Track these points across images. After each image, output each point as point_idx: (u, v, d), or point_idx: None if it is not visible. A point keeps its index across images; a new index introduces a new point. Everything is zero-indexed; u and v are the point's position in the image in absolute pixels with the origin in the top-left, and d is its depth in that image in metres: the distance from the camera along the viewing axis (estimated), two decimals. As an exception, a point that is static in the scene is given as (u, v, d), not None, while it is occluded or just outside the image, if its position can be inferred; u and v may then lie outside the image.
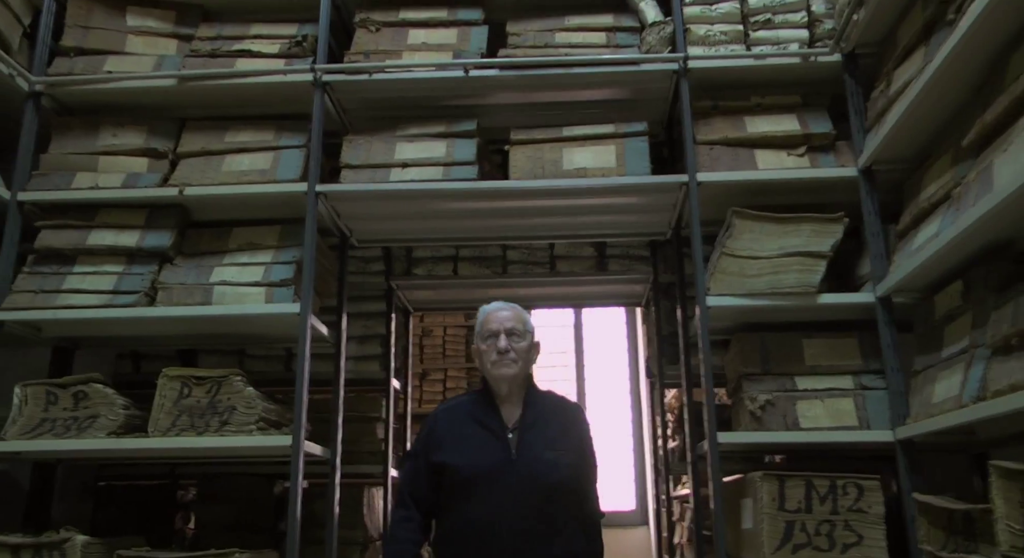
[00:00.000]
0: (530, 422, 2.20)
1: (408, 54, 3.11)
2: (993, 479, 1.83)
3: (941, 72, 2.17)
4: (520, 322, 2.28)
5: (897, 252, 2.58)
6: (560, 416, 2.26)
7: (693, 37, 3.02)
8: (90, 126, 3.17)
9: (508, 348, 2.21)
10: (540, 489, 2.10)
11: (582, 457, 2.21)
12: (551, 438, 2.18)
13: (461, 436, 2.20)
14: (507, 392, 2.23)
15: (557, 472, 2.12)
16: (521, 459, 2.13)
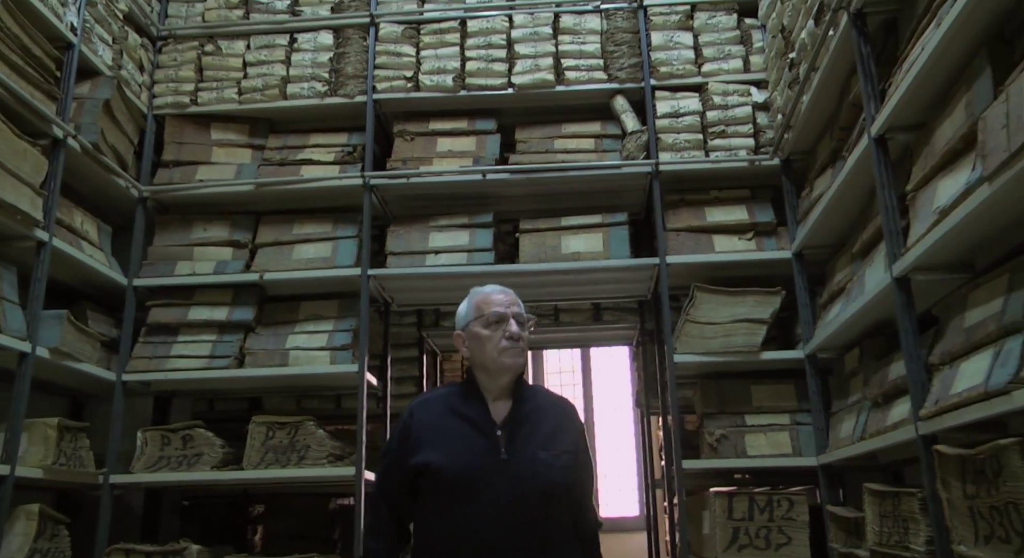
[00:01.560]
0: (522, 418, 1.96)
1: (437, 160, 3.89)
2: (865, 495, 2.58)
3: (840, 192, 2.93)
4: (523, 308, 2.05)
5: (820, 320, 3.33)
6: (554, 413, 2.03)
7: (663, 144, 3.79)
8: (185, 223, 3.96)
9: (520, 334, 1.98)
10: (533, 494, 1.87)
11: (578, 459, 2.00)
12: (545, 437, 1.96)
13: (442, 432, 1.95)
14: (503, 386, 1.99)
15: (552, 474, 1.90)
16: (512, 459, 1.89)
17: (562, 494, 1.92)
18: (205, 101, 4.05)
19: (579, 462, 2.00)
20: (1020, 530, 1.68)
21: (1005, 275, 1.90)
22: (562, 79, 3.95)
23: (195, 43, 4.15)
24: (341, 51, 4.09)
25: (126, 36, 3.88)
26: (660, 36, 3.97)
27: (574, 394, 7.58)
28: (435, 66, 4.00)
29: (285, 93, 4.03)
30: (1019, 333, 1.78)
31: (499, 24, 4.06)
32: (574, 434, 2.03)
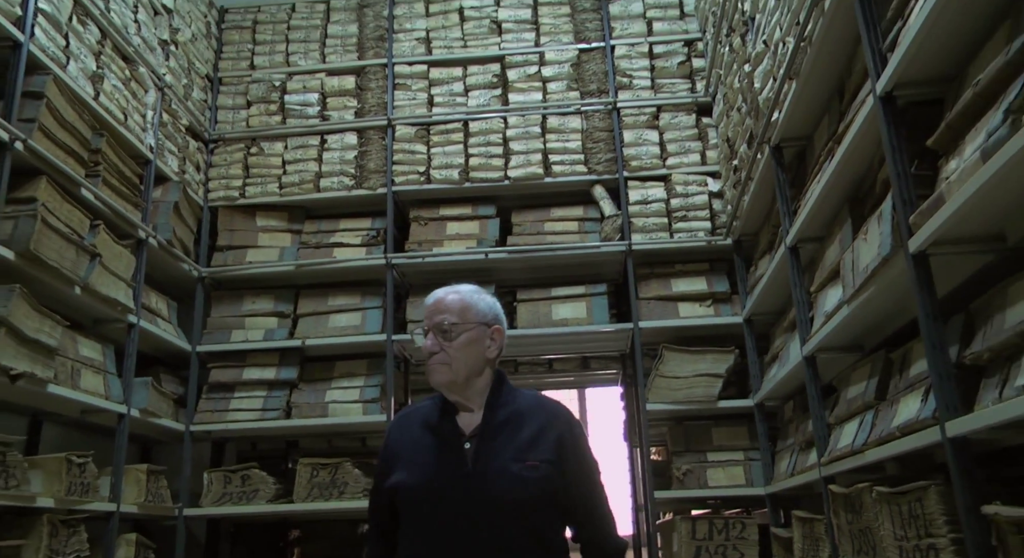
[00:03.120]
0: (494, 427, 1.79)
1: (447, 242, 4.63)
2: (793, 520, 3.30)
3: (772, 278, 3.65)
4: (453, 311, 1.85)
5: (765, 375, 4.06)
6: (536, 418, 1.82)
7: (635, 227, 4.52)
8: (237, 297, 4.69)
9: (435, 348, 1.81)
10: (500, 511, 1.71)
11: (566, 469, 1.78)
12: (521, 446, 1.77)
13: (413, 449, 1.82)
14: (459, 399, 1.83)
15: (524, 488, 1.71)
16: (477, 473, 1.73)
17: (538, 509, 1.74)
18: (251, 194, 4.80)
19: (570, 473, 1.79)
20: (873, 546, 2.40)
21: (868, 364, 2.63)
22: (549, 172, 4.70)
23: (241, 145, 4.90)
24: (364, 149, 4.84)
25: (187, 145, 4.62)
26: (631, 134, 4.73)
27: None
28: (443, 162, 4.74)
29: (318, 186, 4.77)
30: (871, 410, 2.51)
31: (496, 125, 4.81)
32: (559, 440, 1.79)
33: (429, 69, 5.03)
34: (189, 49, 4.72)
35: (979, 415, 1.75)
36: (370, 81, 5.03)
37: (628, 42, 4.97)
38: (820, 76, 2.80)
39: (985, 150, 1.64)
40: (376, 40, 5.13)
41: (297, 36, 5.20)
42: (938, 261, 2.02)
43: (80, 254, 3.39)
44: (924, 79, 2.10)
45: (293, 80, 5.05)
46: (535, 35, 5.10)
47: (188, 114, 4.65)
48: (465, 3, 5.19)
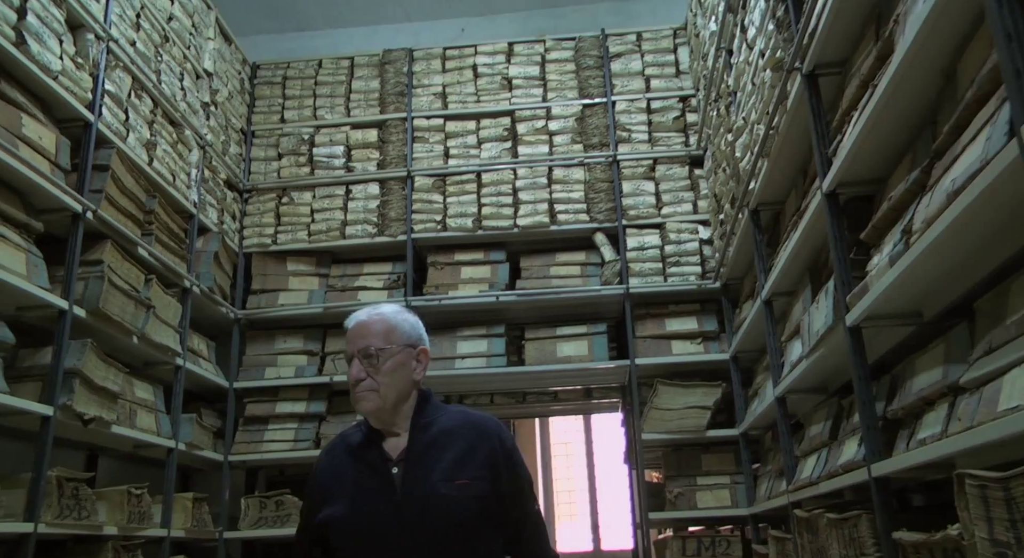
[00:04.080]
0: (420, 449, 1.75)
1: (462, 285, 5.10)
2: (769, 539, 3.74)
3: (752, 323, 4.10)
4: (379, 334, 1.80)
5: (749, 407, 4.50)
6: (465, 435, 1.78)
7: (632, 271, 4.98)
8: (270, 337, 5.16)
9: (361, 375, 1.77)
10: (434, 535, 1.66)
11: (499, 485, 1.74)
12: (450, 466, 1.72)
13: (340, 480, 1.77)
14: (385, 425, 1.79)
15: (456, 509, 1.67)
16: (407, 498, 1.68)
17: (474, 529, 1.69)
18: (283, 241, 5.28)
19: (504, 491, 1.75)
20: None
21: (825, 407, 3.08)
22: (555, 220, 5.17)
23: (273, 195, 5.40)
24: (386, 199, 5.32)
25: (224, 196, 5.11)
26: (629, 185, 5.20)
27: (579, 451, 8.82)
28: (458, 210, 5.22)
29: (344, 233, 5.25)
30: (825, 448, 2.96)
31: (506, 176, 5.29)
32: (490, 456, 1.75)
33: (445, 123, 5.52)
34: (226, 107, 5.22)
35: (895, 460, 2.20)
36: (391, 134, 5.52)
37: (628, 98, 5.44)
38: (786, 159, 3.26)
39: (892, 257, 2.10)
40: (396, 95, 5.62)
41: (324, 91, 5.70)
42: (869, 332, 2.47)
43: (138, 307, 3.87)
44: (861, 180, 2.56)
45: (320, 133, 5.54)
46: (543, 91, 5.58)
47: (226, 168, 5.14)
48: (478, 60, 5.67)
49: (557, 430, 9.22)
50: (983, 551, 1.63)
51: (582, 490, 9.16)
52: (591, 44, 5.67)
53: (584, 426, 9.01)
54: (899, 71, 2.00)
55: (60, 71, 3.33)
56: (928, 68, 1.98)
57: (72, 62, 3.45)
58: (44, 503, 3.06)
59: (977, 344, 1.87)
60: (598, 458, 9.03)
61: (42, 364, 3.29)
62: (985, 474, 1.60)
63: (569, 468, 9.30)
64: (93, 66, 3.62)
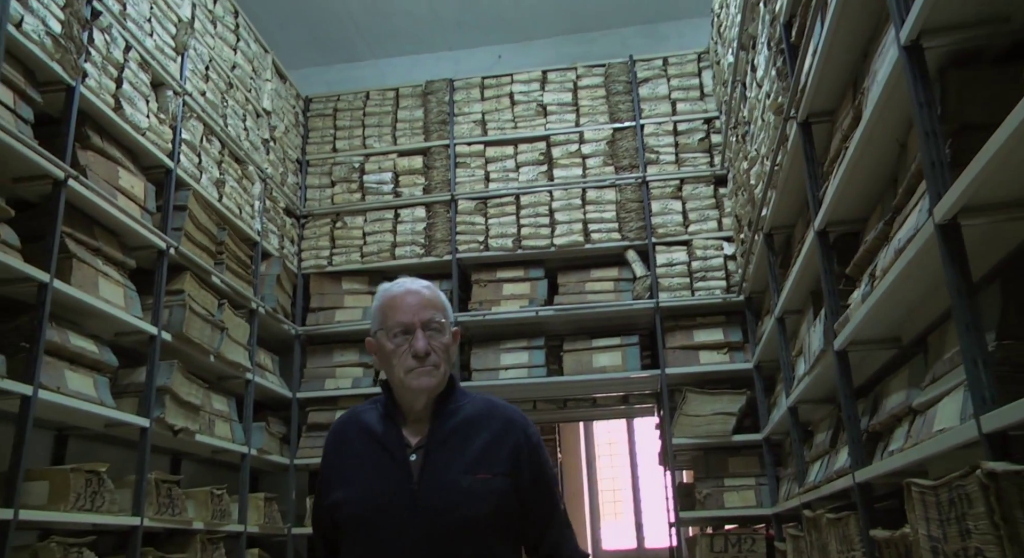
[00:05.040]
0: (442, 438, 1.67)
1: (503, 301, 5.51)
2: (786, 536, 4.10)
3: (769, 336, 4.45)
4: (438, 307, 1.73)
5: (771, 413, 4.85)
6: (490, 426, 1.70)
7: (662, 286, 5.36)
8: (328, 350, 5.64)
9: (428, 349, 1.66)
10: (449, 529, 1.59)
11: (522, 481, 1.67)
12: (473, 458, 1.65)
13: (353, 461, 1.69)
14: (416, 406, 1.70)
15: (476, 504, 1.60)
16: (424, 488, 1.61)
17: (491, 526, 1.61)
18: (337, 262, 5.75)
19: (523, 484, 1.67)
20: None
21: (828, 418, 3.44)
22: (589, 239, 5.56)
23: (328, 220, 5.87)
24: (431, 221, 5.76)
25: (284, 223, 5.59)
26: (658, 204, 5.56)
27: (622, 452, 9.20)
28: (499, 231, 5.64)
29: (394, 254, 5.70)
30: (827, 455, 3.32)
31: (543, 198, 5.69)
32: (514, 450, 1.67)
33: (485, 148, 5.94)
34: (284, 141, 5.70)
35: (872, 468, 2.57)
36: (435, 160, 5.95)
37: (655, 121, 5.81)
38: (791, 192, 3.61)
39: (863, 295, 2.47)
40: (439, 123, 6.05)
41: (372, 121, 6.15)
42: (856, 355, 2.83)
43: (213, 329, 4.36)
44: (847, 219, 2.92)
45: (370, 161, 6.00)
46: (575, 116, 5.97)
47: (284, 197, 5.62)
48: (515, 88, 6.08)
49: (601, 431, 9.61)
50: (923, 545, 2.00)
51: (626, 489, 9.53)
52: (620, 70, 6.04)
53: (627, 428, 9.38)
54: (863, 137, 2.36)
55: (147, 128, 3.82)
56: (887, 138, 2.34)
57: (156, 118, 3.93)
58: (146, 501, 3.56)
59: (928, 373, 2.23)
60: (640, 459, 9.40)
61: (138, 382, 3.79)
62: (922, 482, 1.97)
63: (613, 468, 9.68)
64: (172, 119, 4.11)
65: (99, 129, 3.54)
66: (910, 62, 1.91)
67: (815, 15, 2.82)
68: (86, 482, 3.21)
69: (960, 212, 1.73)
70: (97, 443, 4.01)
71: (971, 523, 1.70)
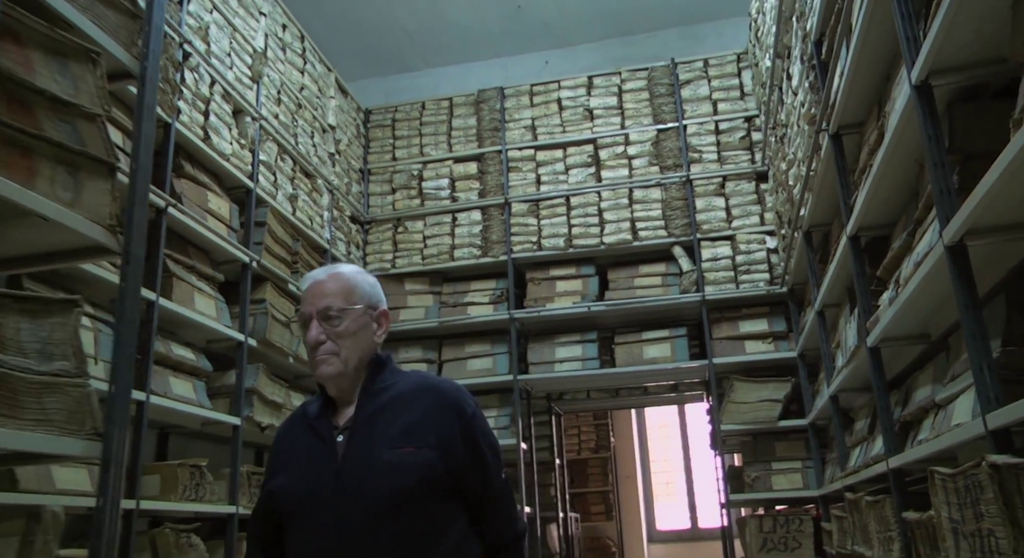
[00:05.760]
0: (367, 417, 1.65)
1: (557, 298, 5.75)
2: (832, 517, 4.29)
3: (809, 331, 4.62)
4: (339, 294, 1.70)
5: (815, 400, 5.02)
6: (420, 401, 1.67)
7: (708, 280, 5.54)
8: (393, 348, 5.92)
9: (322, 338, 1.66)
10: (375, 506, 1.55)
11: (453, 453, 1.62)
12: (399, 432, 1.62)
13: (291, 449, 1.72)
14: (340, 391, 1.70)
15: (398, 477, 1.56)
16: (348, 467, 1.59)
17: (420, 501, 1.57)
18: (400, 265, 6.04)
19: (456, 458, 1.62)
20: (869, 538, 3.40)
21: (866, 407, 3.63)
22: (637, 236, 5.76)
23: (390, 225, 6.16)
24: (487, 224, 6.01)
25: (350, 230, 5.90)
26: (702, 201, 5.74)
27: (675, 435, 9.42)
28: (551, 231, 5.87)
29: (452, 256, 5.98)
30: (865, 441, 3.51)
31: (592, 199, 5.91)
32: (445, 422, 1.64)
33: (536, 153, 6.16)
34: (347, 153, 5.99)
35: (904, 455, 2.76)
36: (489, 165, 6.20)
37: (697, 121, 5.98)
38: (826, 197, 3.78)
39: (890, 298, 2.66)
40: (491, 131, 6.30)
41: (428, 130, 6.42)
42: (887, 351, 3.02)
43: (292, 334, 4.67)
44: (876, 224, 3.10)
45: (427, 168, 6.27)
46: (620, 119, 6.16)
47: (350, 206, 5.93)
48: (562, 95, 6.29)
49: (652, 415, 9.81)
50: (945, 526, 2.20)
51: (679, 471, 9.73)
52: (663, 73, 6.21)
53: (678, 412, 9.56)
54: (885, 157, 2.55)
55: (231, 153, 4.13)
56: (906, 157, 2.53)
57: (237, 143, 4.24)
58: (239, 491, 3.89)
59: (949, 370, 2.42)
60: (692, 442, 9.59)
61: (228, 384, 4.12)
62: (942, 470, 2.17)
63: (666, 450, 9.87)
64: (251, 143, 4.41)
65: (190, 158, 3.85)
66: (920, 100, 2.11)
67: (841, 38, 3.00)
68: (191, 475, 3.55)
69: (966, 234, 1.93)
70: (193, 439, 4.36)
71: (983, 507, 1.91)
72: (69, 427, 1.56)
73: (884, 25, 2.49)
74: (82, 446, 1.59)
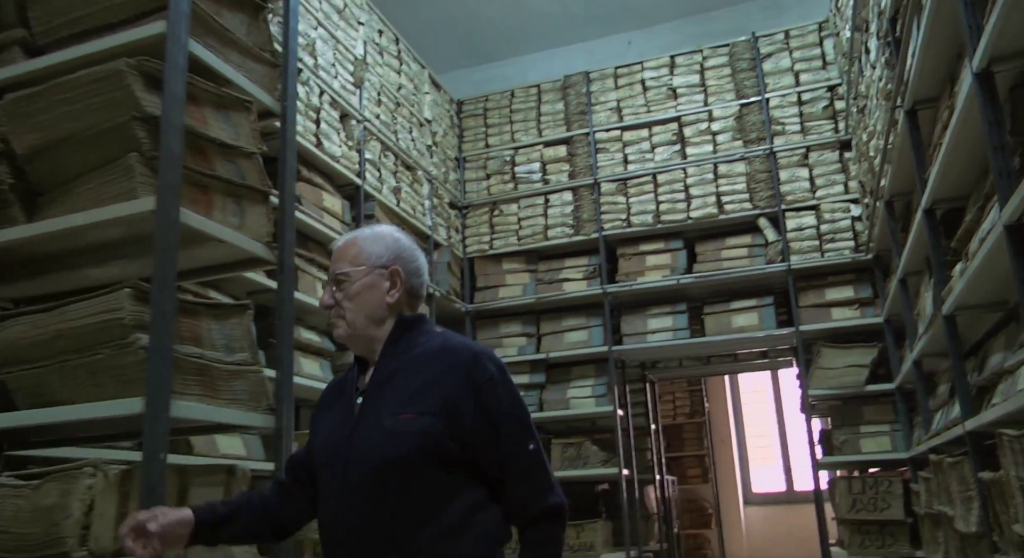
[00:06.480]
0: (381, 380, 1.62)
1: (647, 272, 5.93)
2: (919, 479, 4.39)
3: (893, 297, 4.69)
4: (347, 258, 1.69)
5: (901, 364, 5.09)
6: (434, 366, 1.60)
7: (793, 249, 5.63)
8: (494, 324, 6.23)
9: (330, 302, 1.68)
10: (373, 474, 1.52)
11: (462, 420, 1.54)
12: (404, 398, 1.57)
13: (324, 411, 1.73)
14: (365, 353, 1.69)
15: (393, 445, 1.51)
16: (357, 431, 1.57)
17: (418, 470, 1.51)
18: (497, 246, 6.32)
19: (464, 425, 1.54)
20: (951, 498, 3.52)
21: (947, 372, 3.72)
22: (722, 210, 5.88)
23: (486, 209, 6.44)
24: (578, 204, 6.22)
25: (449, 216, 6.19)
26: (786, 173, 5.81)
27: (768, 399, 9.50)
28: (639, 209, 6.04)
29: (546, 235, 6.21)
30: (946, 406, 3.61)
31: (678, 175, 6.04)
32: (454, 388, 1.56)
33: (622, 133, 6.32)
34: (443, 143, 6.28)
35: (978, 418, 2.89)
36: (577, 147, 6.39)
37: (780, 94, 6.02)
38: (904, 168, 3.85)
39: (961, 270, 2.78)
40: (579, 114, 6.48)
41: (518, 117, 6.64)
42: (964, 318, 3.13)
43: (403, 314, 5.00)
44: (949, 197, 3.19)
45: (519, 153, 6.50)
46: (703, 96, 6.25)
47: (448, 193, 6.22)
48: (646, 76, 6.41)
49: (746, 380, 9.88)
50: (1013, 484, 2.35)
51: (773, 435, 9.78)
52: (744, 48, 6.26)
53: (771, 377, 9.60)
54: (952, 137, 2.66)
55: (340, 155, 4.45)
56: (973, 138, 2.62)
57: (345, 146, 4.57)
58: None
59: (1019, 338, 2.55)
60: (786, 406, 9.63)
61: (348, 362, 4.44)
62: (1009, 432, 2.32)
63: (761, 414, 9.92)
64: (357, 144, 4.73)
65: (306, 163, 4.19)
66: (981, 87, 2.23)
67: (912, 17, 3.09)
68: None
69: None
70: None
71: (1046, 466, 2.06)
72: (251, 404, 1.92)
73: (951, 8, 2.59)
74: (262, 419, 1.97)
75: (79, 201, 1.83)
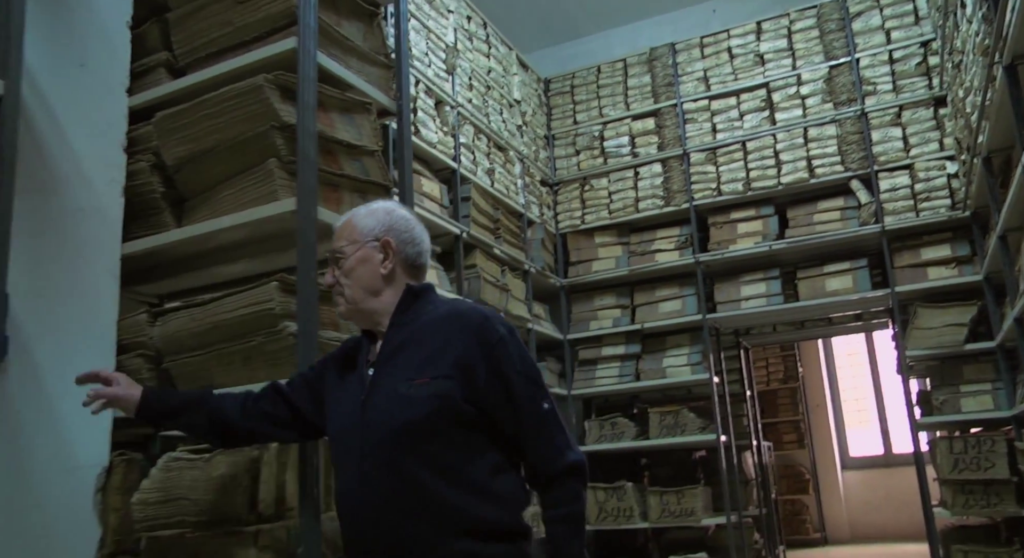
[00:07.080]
0: (391, 350, 1.64)
1: (739, 239, 5.95)
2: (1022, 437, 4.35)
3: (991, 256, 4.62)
4: (344, 236, 1.72)
5: (1003, 322, 5.00)
6: (443, 332, 1.61)
7: (887, 210, 5.56)
8: (588, 297, 6.36)
9: (330, 280, 1.71)
10: (389, 439, 1.53)
11: (475, 383, 1.55)
12: (416, 364, 1.58)
13: (334, 384, 1.74)
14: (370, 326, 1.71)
15: (408, 410, 1.53)
16: (370, 399, 1.59)
17: (434, 434, 1.53)
18: (589, 220, 6.43)
19: (478, 386, 1.55)
20: None
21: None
22: (813, 174, 5.84)
23: (576, 185, 6.55)
24: (668, 175, 6.27)
25: (541, 193, 6.34)
26: (878, 133, 5.73)
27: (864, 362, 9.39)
28: (729, 177, 6.06)
29: (637, 208, 6.29)
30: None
31: (767, 142, 6.02)
32: (465, 351, 1.57)
33: (710, 103, 6.32)
34: (532, 122, 6.41)
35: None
36: (665, 119, 6.43)
37: (871, 53, 5.91)
38: (1003, 124, 3.79)
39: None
40: (665, 86, 6.51)
41: (605, 92, 6.71)
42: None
43: (501, 292, 5.19)
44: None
45: (607, 128, 6.58)
46: (791, 60, 6.19)
47: (539, 171, 6.36)
48: (732, 43, 6.38)
49: (840, 344, 9.75)
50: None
51: (869, 398, 9.65)
52: (832, 8, 6.16)
53: (866, 339, 9.48)
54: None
55: (437, 141, 4.64)
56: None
57: (440, 132, 4.75)
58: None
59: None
60: (881, 368, 9.48)
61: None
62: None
63: (856, 378, 9.80)
64: (452, 129, 4.91)
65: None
66: None
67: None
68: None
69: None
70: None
71: None
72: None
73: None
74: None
75: (221, 205, 2.05)
